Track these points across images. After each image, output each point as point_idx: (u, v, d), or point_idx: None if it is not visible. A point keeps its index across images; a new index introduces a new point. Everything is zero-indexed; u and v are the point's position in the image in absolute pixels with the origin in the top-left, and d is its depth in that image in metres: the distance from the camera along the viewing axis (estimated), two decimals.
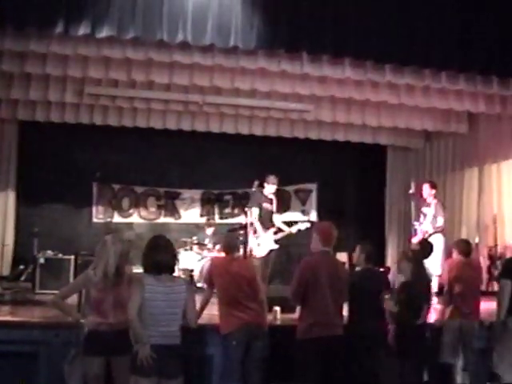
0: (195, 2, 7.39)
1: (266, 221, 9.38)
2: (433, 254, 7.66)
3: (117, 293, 5.09)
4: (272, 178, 9.50)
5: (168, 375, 4.78)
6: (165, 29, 7.17)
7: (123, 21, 7.09)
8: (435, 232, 9.14)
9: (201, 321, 5.87)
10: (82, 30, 7.00)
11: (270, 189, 9.50)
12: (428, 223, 9.45)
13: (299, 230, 9.41)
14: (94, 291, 5.12)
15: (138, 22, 7.12)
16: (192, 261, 10.24)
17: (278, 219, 9.56)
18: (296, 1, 7.69)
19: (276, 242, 9.29)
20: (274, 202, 9.54)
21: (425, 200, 9.80)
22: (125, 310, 4.81)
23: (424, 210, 9.72)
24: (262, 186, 9.54)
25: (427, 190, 9.82)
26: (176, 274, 5.55)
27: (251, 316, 6.01)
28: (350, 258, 9.86)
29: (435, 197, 9.89)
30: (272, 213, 9.48)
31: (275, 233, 9.32)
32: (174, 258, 5.10)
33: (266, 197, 9.51)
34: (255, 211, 9.32)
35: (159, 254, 4.94)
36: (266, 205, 9.46)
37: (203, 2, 7.42)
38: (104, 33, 7.07)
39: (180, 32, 7.21)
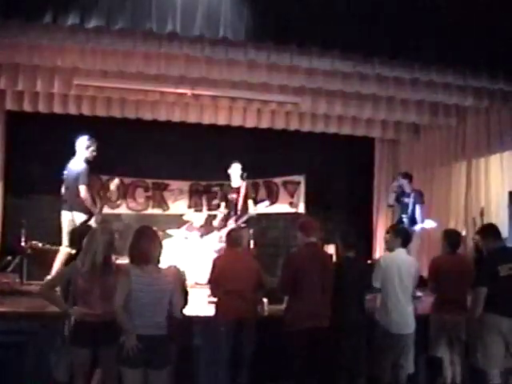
0: None
1: (233, 212, 9.54)
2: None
3: (104, 283, 5.10)
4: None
5: (154, 366, 4.80)
6: (154, 19, 7.11)
7: (112, 11, 7.03)
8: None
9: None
10: (71, 20, 6.92)
11: (233, 179, 9.73)
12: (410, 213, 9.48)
13: (256, 214, 9.70)
14: (80, 281, 5.12)
15: (127, 12, 7.06)
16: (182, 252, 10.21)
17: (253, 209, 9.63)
18: None
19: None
20: (242, 191, 9.59)
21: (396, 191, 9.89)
22: (112, 301, 4.82)
23: (405, 200, 9.75)
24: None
25: (403, 181, 9.86)
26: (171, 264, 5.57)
27: (243, 307, 6.09)
28: (338, 249, 9.87)
29: (412, 186, 9.93)
30: (236, 203, 9.57)
31: (236, 220, 9.38)
32: (161, 249, 5.10)
33: (232, 188, 9.64)
34: (222, 204, 9.76)
35: (145, 244, 4.95)
36: (231, 196, 9.58)
37: None
38: (93, 23, 7.00)
39: (169, 22, 7.15)
